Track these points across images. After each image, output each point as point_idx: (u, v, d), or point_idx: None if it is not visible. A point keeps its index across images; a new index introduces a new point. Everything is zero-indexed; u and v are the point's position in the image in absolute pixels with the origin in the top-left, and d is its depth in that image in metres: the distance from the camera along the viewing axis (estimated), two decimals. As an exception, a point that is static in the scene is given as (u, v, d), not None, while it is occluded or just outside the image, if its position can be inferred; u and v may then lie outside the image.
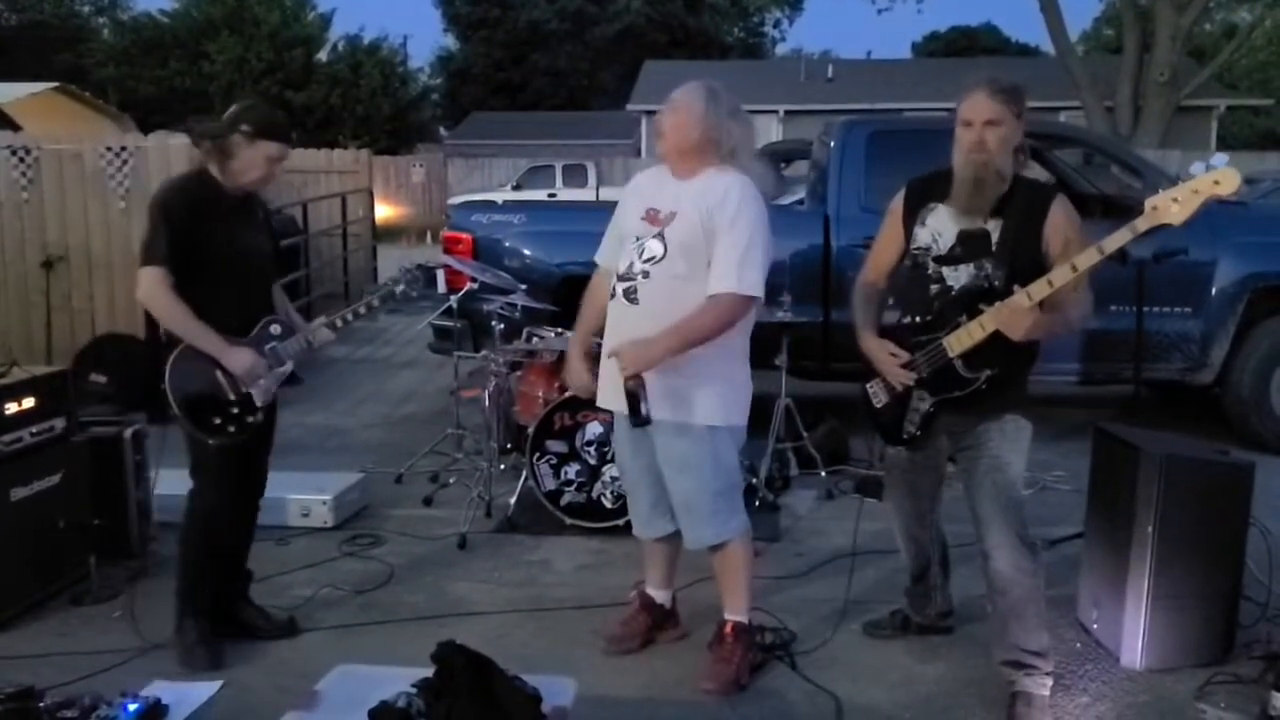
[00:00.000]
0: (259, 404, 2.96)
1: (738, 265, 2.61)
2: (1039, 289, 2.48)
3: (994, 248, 2.60)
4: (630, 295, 2.72)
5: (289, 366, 3.03)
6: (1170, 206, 2.39)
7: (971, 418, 2.67)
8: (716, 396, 2.72)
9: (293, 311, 3.21)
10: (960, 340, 2.59)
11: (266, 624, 3.16)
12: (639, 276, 2.70)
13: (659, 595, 3.12)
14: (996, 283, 2.57)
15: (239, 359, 2.88)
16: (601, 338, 2.89)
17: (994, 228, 2.61)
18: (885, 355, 2.70)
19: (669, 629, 3.13)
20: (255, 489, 3.19)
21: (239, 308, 2.95)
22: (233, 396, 2.90)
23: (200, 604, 3.02)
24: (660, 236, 2.70)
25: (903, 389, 2.70)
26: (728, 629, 2.90)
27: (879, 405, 2.80)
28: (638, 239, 2.75)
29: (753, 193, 2.68)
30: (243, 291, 2.97)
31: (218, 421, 2.89)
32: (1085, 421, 4.39)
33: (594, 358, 2.94)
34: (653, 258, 2.68)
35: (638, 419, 2.58)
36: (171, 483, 3.82)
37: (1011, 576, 2.64)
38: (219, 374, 2.88)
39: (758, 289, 2.65)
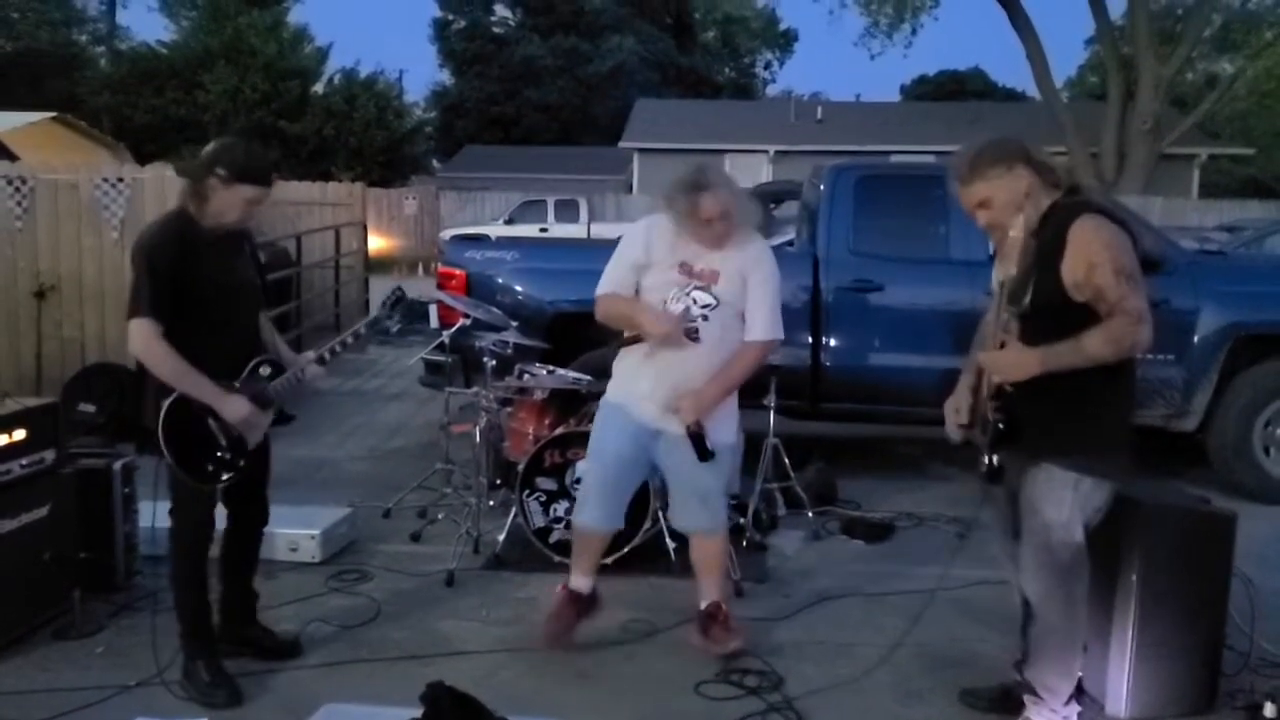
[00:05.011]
0: (250, 447, 2.96)
1: (772, 316, 3.18)
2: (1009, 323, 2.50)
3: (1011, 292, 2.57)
4: (693, 334, 3.14)
5: (278, 405, 3.03)
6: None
7: (1017, 459, 2.66)
8: (729, 419, 3.29)
9: (280, 343, 3.21)
10: (986, 384, 2.65)
11: (272, 643, 3.19)
12: (699, 319, 3.13)
13: (585, 584, 3.38)
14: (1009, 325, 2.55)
15: (235, 408, 2.86)
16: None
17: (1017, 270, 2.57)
18: (950, 406, 2.82)
19: (594, 611, 3.41)
20: (257, 518, 3.20)
21: (228, 344, 2.93)
22: (224, 442, 2.89)
23: (205, 643, 2.99)
24: (708, 290, 3.15)
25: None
26: (720, 607, 3.26)
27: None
28: (681, 288, 3.13)
29: (771, 252, 3.24)
30: (231, 327, 2.96)
31: (210, 468, 2.89)
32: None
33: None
34: (709, 305, 3.14)
35: (705, 454, 3.09)
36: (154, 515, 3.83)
37: (1036, 604, 2.72)
38: (212, 421, 2.87)
39: (782, 332, 3.24)
